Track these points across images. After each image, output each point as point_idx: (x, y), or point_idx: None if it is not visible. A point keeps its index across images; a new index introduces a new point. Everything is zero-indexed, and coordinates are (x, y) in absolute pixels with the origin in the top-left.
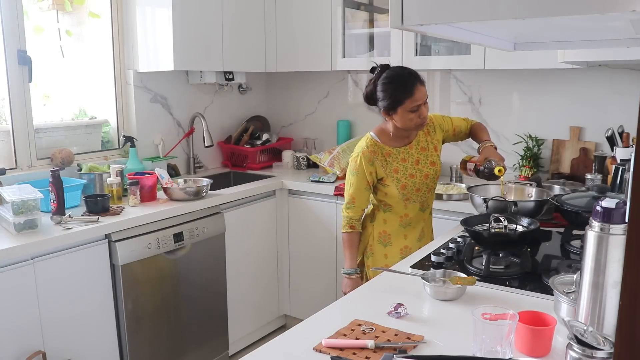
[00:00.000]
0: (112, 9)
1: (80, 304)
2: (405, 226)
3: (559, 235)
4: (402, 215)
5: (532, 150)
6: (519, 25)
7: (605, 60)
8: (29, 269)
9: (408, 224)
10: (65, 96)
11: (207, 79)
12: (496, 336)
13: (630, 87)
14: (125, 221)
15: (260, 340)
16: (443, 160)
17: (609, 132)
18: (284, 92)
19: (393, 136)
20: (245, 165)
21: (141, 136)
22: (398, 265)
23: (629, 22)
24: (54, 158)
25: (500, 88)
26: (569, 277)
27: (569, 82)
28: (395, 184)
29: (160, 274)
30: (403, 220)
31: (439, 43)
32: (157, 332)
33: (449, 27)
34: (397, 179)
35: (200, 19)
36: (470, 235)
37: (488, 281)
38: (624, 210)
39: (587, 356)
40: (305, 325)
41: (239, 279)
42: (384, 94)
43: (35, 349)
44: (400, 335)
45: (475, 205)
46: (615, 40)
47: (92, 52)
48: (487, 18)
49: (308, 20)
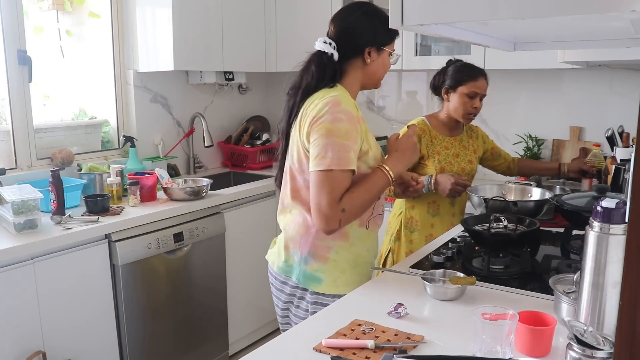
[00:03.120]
0: (112, 9)
1: (80, 304)
2: (433, 215)
3: (559, 235)
4: (430, 202)
5: (532, 150)
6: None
7: (605, 60)
8: (29, 269)
9: (436, 214)
10: (65, 96)
11: (207, 79)
12: (496, 336)
13: (630, 87)
14: (125, 221)
15: (260, 340)
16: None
17: (609, 132)
18: (284, 92)
19: (443, 124)
20: (245, 165)
21: (141, 136)
22: (398, 265)
23: (629, 22)
24: (54, 158)
25: (500, 88)
26: (569, 277)
27: (569, 82)
28: (434, 164)
29: (160, 274)
30: (431, 207)
31: (439, 43)
32: (157, 332)
33: (449, 27)
34: (438, 160)
35: (200, 19)
36: (470, 235)
37: (488, 281)
38: (624, 210)
39: (587, 356)
40: (305, 325)
41: (239, 279)
42: (452, 74)
43: (35, 349)
44: (400, 335)
45: (475, 205)
46: (615, 40)
47: (92, 52)
48: (487, 18)
49: (308, 20)
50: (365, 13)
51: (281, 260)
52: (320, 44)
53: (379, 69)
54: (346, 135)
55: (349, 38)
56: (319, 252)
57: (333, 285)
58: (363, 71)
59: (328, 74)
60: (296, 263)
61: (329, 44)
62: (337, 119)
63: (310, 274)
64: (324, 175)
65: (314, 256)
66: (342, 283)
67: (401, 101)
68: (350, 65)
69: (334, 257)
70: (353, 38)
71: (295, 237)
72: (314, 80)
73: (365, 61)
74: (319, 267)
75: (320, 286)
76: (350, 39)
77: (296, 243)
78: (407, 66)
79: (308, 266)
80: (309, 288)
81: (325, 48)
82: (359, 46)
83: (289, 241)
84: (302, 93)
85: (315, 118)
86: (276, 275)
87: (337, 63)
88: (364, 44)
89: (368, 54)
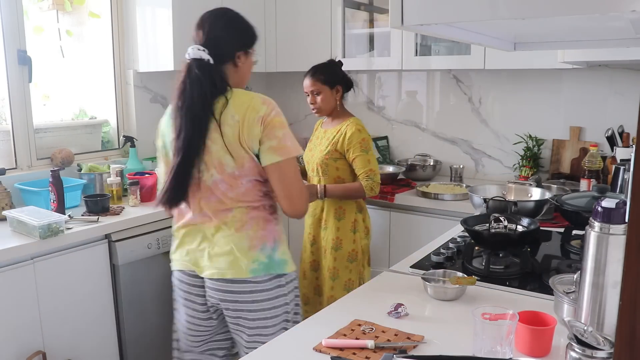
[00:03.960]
0: (112, 9)
1: (80, 304)
2: None
3: (559, 235)
4: None
5: (532, 150)
6: (519, 25)
7: (605, 60)
8: (29, 269)
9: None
10: (65, 96)
11: None
12: (496, 336)
13: (630, 87)
14: (125, 221)
15: None
16: (443, 159)
17: (609, 132)
18: (284, 92)
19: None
20: None
21: (141, 136)
22: (398, 265)
23: (629, 22)
24: (54, 158)
25: (500, 88)
26: (569, 277)
27: (569, 82)
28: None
29: (160, 274)
30: None
31: (439, 43)
32: (158, 332)
33: (449, 27)
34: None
35: None
36: (470, 235)
37: (488, 281)
38: (624, 210)
39: (587, 356)
40: (305, 325)
41: None
42: None
43: (35, 349)
44: (400, 335)
45: (475, 205)
46: (615, 40)
47: (92, 52)
48: (487, 18)
49: (308, 20)
50: (232, 18)
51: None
52: (195, 52)
53: (247, 71)
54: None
55: (221, 44)
56: (281, 237)
57: (292, 263)
58: (236, 74)
59: (217, 78)
60: (268, 256)
61: (204, 50)
62: (279, 112)
63: (281, 259)
64: (290, 163)
65: (279, 241)
66: (290, 258)
67: (401, 101)
68: (224, 70)
69: (284, 238)
70: (224, 43)
71: (258, 234)
72: (208, 87)
73: (237, 64)
74: (284, 250)
75: (287, 266)
76: (222, 44)
77: (260, 239)
78: (407, 66)
79: (278, 252)
80: (284, 272)
81: (202, 55)
82: (230, 51)
83: (252, 240)
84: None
85: (263, 117)
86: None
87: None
88: (234, 49)
89: (238, 58)
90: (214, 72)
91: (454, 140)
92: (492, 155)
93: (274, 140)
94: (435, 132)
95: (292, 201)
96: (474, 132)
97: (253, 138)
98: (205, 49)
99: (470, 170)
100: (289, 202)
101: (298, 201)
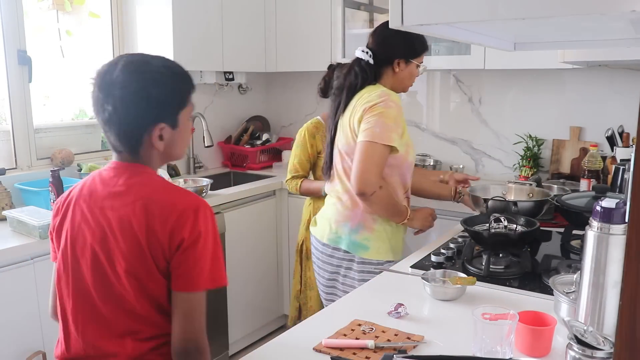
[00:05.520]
0: (112, 9)
1: None
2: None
3: (559, 235)
4: None
5: (532, 150)
6: (519, 25)
7: (605, 60)
8: (29, 269)
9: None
10: (65, 96)
11: (207, 79)
12: (496, 336)
13: (630, 87)
14: None
15: (260, 340)
16: (443, 159)
17: (609, 132)
18: (284, 92)
19: None
20: (245, 165)
21: None
22: (398, 265)
23: (629, 22)
24: (54, 158)
25: (500, 88)
26: (569, 277)
27: (569, 82)
28: None
29: None
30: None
31: (439, 43)
32: None
33: (449, 27)
34: None
35: (200, 19)
36: (470, 235)
37: (488, 281)
38: (624, 210)
39: (587, 356)
40: (305, 325)
41: (239, 279)
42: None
43: (35, 349)
44: (400, 335)
45: (475, 205)
46: (615, 40)
47: (92, 52)
48: (487, 18)
49: (308, 20)
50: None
51: (331, 232)
52: (359, 52)
53: (405, 77)
54: (394, 119)
55: (382, 50)
56: (367, 224)
57: (377, 252)
58: (394, 77)
59: (370, 75)
60: (346, 234)
61: (366, 52)
62: (389, 106)
63: (359, 242)
64: (370, 145)
65: (364, 227)
66: (384, 250)
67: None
68: (383, 71)
69: (378, 228)
70: (385, 50)
71: (345, 212)
72: (358, 80)
73: (395, 70)
74: (367, 236)
75: (367, 252)
76: (383, 50)
77: (346, 217)
78: None
79: (357, 235)
80: (357, 255)
81: (363, 55)
82: (390, 57)
83: (339, 215)
84: (347, 91)
85: (370, 105)
86: (323, 248)
87: (373, 67)
88: (394, 56)
89: (397, 64)
90: (367, 69)
91: (454, 140)
92: (492, 155)
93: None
94: (435, 132)
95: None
96: (474, 132)
97: (356, 122)
98: (368, 51)
99: (470, 170)
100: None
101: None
